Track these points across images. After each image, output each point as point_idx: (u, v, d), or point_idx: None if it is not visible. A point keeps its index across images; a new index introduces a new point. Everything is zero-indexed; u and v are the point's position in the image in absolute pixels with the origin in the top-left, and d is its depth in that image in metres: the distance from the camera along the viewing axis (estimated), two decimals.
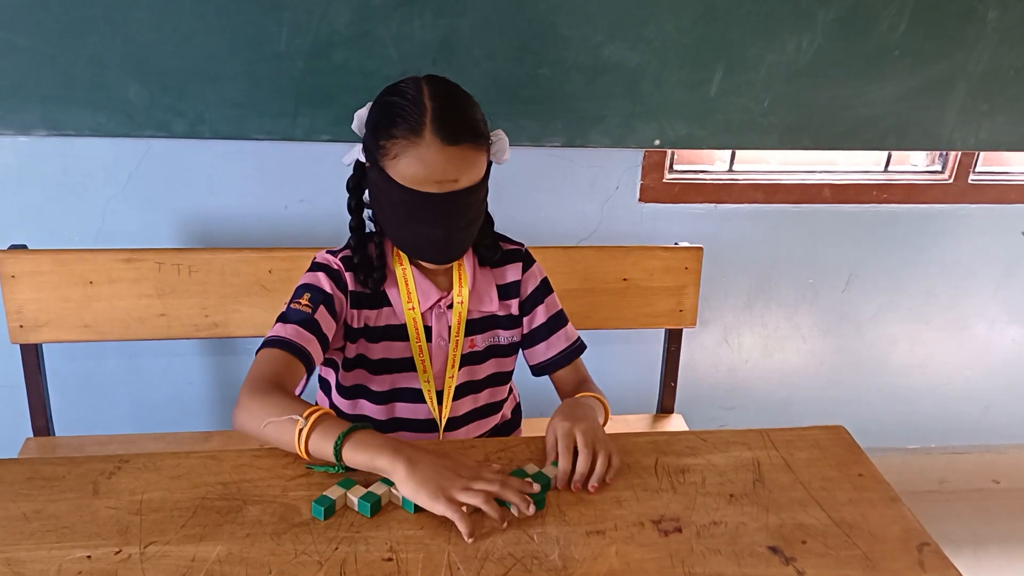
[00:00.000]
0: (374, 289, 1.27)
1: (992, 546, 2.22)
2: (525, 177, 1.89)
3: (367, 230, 1.28)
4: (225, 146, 1.76)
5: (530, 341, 1.38)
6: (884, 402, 2.32)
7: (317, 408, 1.07)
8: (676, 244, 1.82)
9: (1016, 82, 1.84)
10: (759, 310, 2.15)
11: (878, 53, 1.77)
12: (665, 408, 1.91)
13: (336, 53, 1.63)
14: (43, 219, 1.78)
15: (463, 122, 1.14)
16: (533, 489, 1.01)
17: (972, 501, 2.39)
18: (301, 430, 1.04)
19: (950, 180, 2.07)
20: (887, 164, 2.08)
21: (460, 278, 1.30)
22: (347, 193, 1.26)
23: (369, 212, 1.26)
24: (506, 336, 1.36)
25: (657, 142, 1.81)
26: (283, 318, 1.21)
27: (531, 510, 0.99)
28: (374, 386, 1.32)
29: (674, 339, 1.87)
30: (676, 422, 1.90)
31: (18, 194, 1.76)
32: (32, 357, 1.67)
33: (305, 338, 1.19)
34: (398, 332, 1.29)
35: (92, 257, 1.63)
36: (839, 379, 2.27)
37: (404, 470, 0.99)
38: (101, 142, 1.72)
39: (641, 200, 1.96)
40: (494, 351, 1.36)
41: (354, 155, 1.22)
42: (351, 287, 1.26)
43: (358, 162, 1.22)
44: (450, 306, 1.30)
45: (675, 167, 2.00)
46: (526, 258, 1.37)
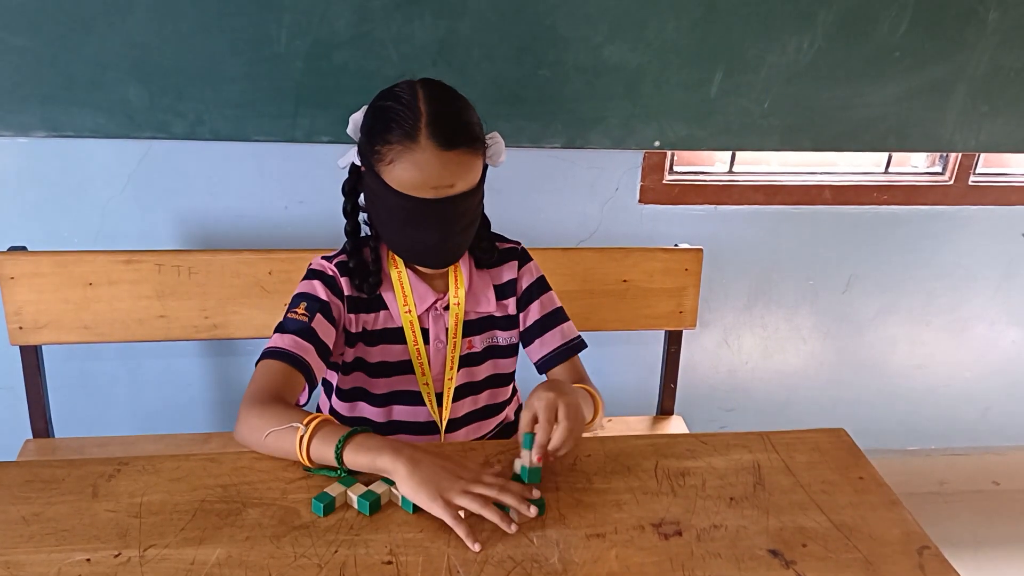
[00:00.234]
0: (370, 293, 1.27)
1: (992, 548, 2.22)
2: (525, 178, 1.89)
3: (363, 234, 1.28)
4: (225, 147, 1.75)
5: (527, 338, 1.37)
6: (884, 403, 2.32)
7: (316, 415, 1.07)
8: (676, 246, 1.82)
9: (1016, 83, 1.84)
10: (759, 311, 2.15)
11: (878, 54, 1.77)
12: (665, 410, 1.91)
13: (336, 54, 1.63)
14: (43, 220, 1.78)
15: (459, 127, 1.14)
16: (533, 495, 1.01)
17: (972, 503, 2.39)
18: (302, 437, 1.04)
19: (950, 182, 2.07)
20: (887, 165, 2.08)
21: (456, 280, 1.29)
22: (343, 196, 1.25)
23: (365, 216, 1.26)
24: (504, 337, 1.36)
25: (657, 143, 1.81)
26: (280, 328, 1.21)
27: (532, 511, 0.99)
28: (373, 389, 1.32)
29: (674, 340, 1.87)
30: (676, 424, 1.90)
31: (18, 195, 1.76)
32: (31, 359, 1.67)
33: (303, 347, 1.18)
34: (395, 335, 1.29)
35: (92, 259, 1.62)
36: (839, 380, 2.27)
37: (405, 470, 0.99)
38: (101, 143, 1.72)
39: (641, 201, 1.96)
40: (492, 352, 1.36)
41: (349, 158, 1.22)
42: (347, 292, 1.26)
43: (353, 165, 1.22)
44: (446, 308, 1.30)
45: (675, 168, 1.99)
46: (522, 256, 1.37)
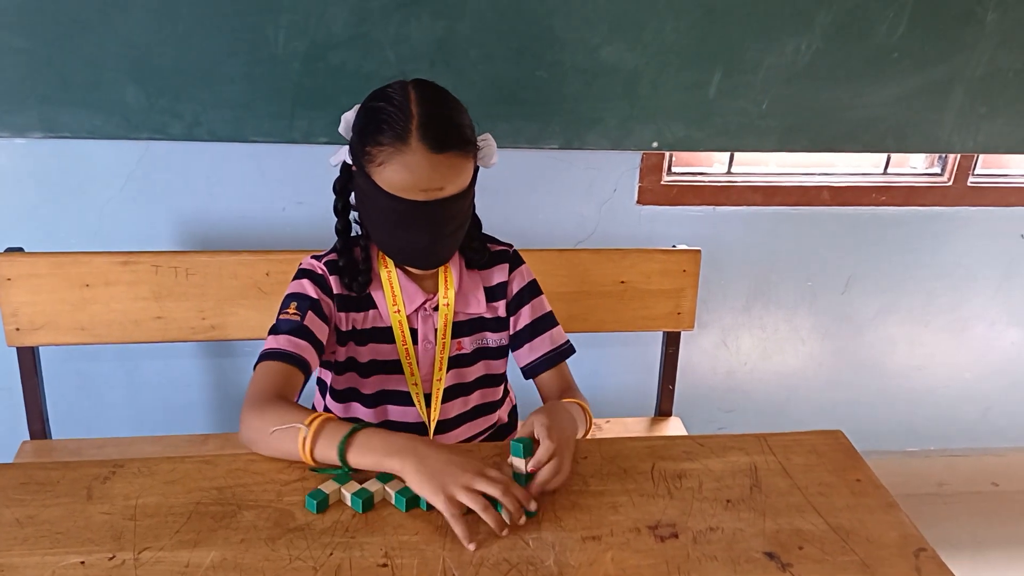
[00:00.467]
0: (359, 292, 1.26)
1: (991, 549, 2.21)
2: (523, 179, 1.89)
3: (353, 232, 1.27)
4: (223, 148, 1.75)
5: (516, 343, 1.37)
6: (883, 404, 2.31)
7: (318, 414, 1.07)
8: (674, 247, 1.81)
9: (1015, 84, 1.83)
10: (758, 312, 2.14)
11: (877, 55, 1.77)
12: (663, 411, 1.91)
13: (333, 55, 1.63)
14: (40, 221, 1.78)
15: (450, 129, 1.13)
16: (531, 507, 1.00)
17: (971, 504, 2.38)
18: (304, 439, 1.04)
19: (949, 183, 2.06)
20: (886, 166, 2.08)
21: (446, 281, 1.29)
22: (333, 195, 1.25)
23: (356, 215, 1.26)
24: (494, 338, 1.36)
25: (655, 144, 1.80)
26: (274, 330, 1.21)
27: (522, 521, 0.99)
28: (364, 389, 1.32)
29: (672, 342, 1.87)
30: (674, 425, 1.90)
31: (15, 196, 1.76)
32: (28, 360, 1.67)
33: (299, 346, 1.19)
34: (385, 335, 1.29)
35: (88, 260, 1.62)
36: (838, 381, 2.26)
37: (413, 466, 0.99)
38: (98, 144, 1.72)
39: (639, 202, 1.96)
40: (483, 353, 1.36)
41: (341, 156, 1.22)
42: (336, 291, 1.26)
43: (345, 164, 1.22)
44: (436, 308, 1.29)
45: (673, 169, 1.99)
46: (513, 259, 1.36)
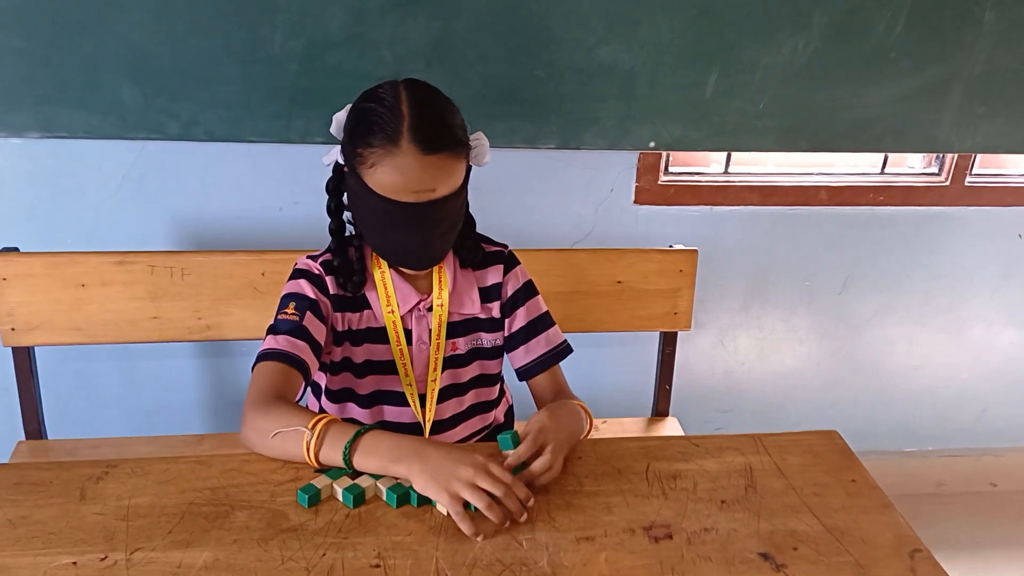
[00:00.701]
0: (354, 292, 1.26)
1: (989, 549, 2.21)
2: (519, 179, 1.88)
3: (347, 232, 1.27)
4: (219, 148, 1.75)
5: (511, 345, 1.36)
6: (881, 405, 2.31)
7: (322, 416, 1.06)
8: (671, 247, 1.81)
9: (1013, 84, 1.83)
10: (755, 313, 2.14)
11: (875, 55, 1.77)
12: (660, 411, 1.91)
13: (330, 55, 1.63)
14: (36, 221, 1.78)
15: (441, 130, 1.13)
16: (530, 503, 1.00)
17: (969, 504, 2.38)
18: (309, 442, 1.04)
19: (947, 182, 2.06)
20: (884, 166, 2.08)
21: (440, 281, 1.29)
22: (327, 195, 1.25)
23: (349, 214, 1.26)
24: (489, 339, 1.35)
25: (652, 144, 1.80)
26: (272, 330, 1.21)
27: (523, 518, 0.99)
28: (360, 389, 1.32)
29: (669, 342, 1.86)
30: (671, 425, 1.90)
31: (11, 196, 1.75)
32: (24, 360, 1.67)
33: (298, 346, 1.18)
34: (379, 335, 1.29)
35: (84, 260, 1.62)
36: (836, 382, 2.26)
37: (418, 468, 1.00)
38: (95, 144, 1.71)
39: (636, 202, 1.95)
40: (477, 354, 1.35)
41: (333, 156, 1.21)
42: (332, 291, 1.26)
43: (337, 163, 1.21)
44: (429, 309, 1.29)
45: (670, 169, 1.99)
46: (508, 260, 1.36)
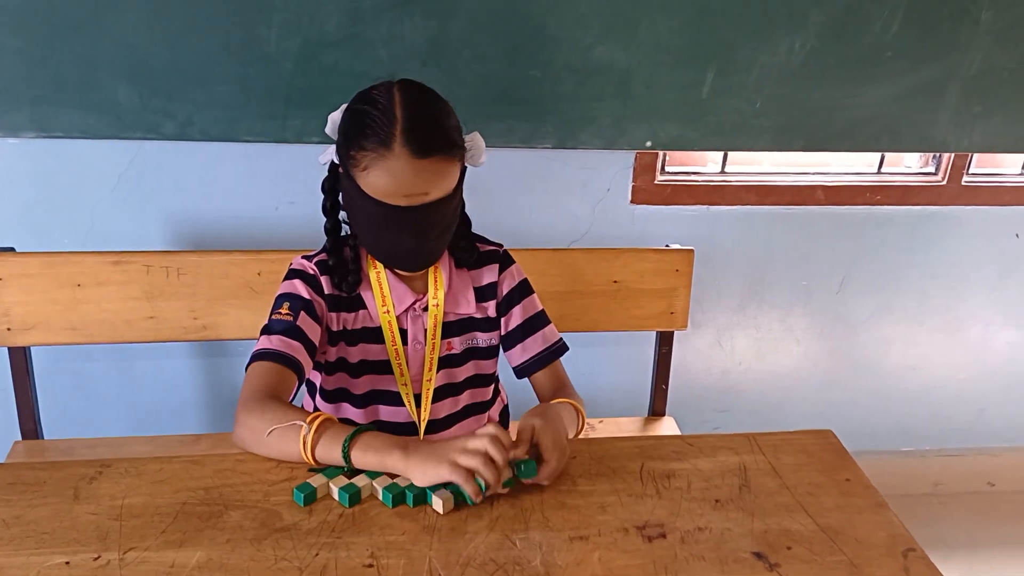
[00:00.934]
0: (349, 292, 1.26)
1: (987, 549, 2.21)
2: (516, 179, 1.88)
3: (343, 232, 1.27)
4: (215, 148, 1.75)
5: (508, 343, 1.36)
6: (878, 405, 2.31)
7: (318, 414, 1.07)
8: (667, 246, 1.81)
9: (1010, 83, 1.83)
10: (752, 312, 2.14)
11: (871, 54, 1.77)
12: (656, 411, 1.91)
13: (326, 55, 1.63)
14: (32, 221, 1.78)
15: (434, 133, 1.12)
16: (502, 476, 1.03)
17: (967, 504, 2.38)
18: (305, 437, 1.04)
19: (944, 182, 2.06)
20: (880, 166, 2.08)
21: (435, 281, 1.29)
22: (322, 194, 1.24)
23: (345, 214, 1.25)
24: (484, 339, 1.35)
25: (649, 144, 1.80)
26: (266, 330, 1.21)
27: (504, 489, 1.03)
28: (354, 389, 1.32)
29: (665, 342, 1.86)
30: (668, 425, 1.90)
31: (7, 196, 1.75)
32: (20, 360, 1.67)
33: (292, 346, 1.18)
34: (374, 335, 1.29)
35: (80, 260, 1.62)
36: (833, 381, 2.26)
37: (412, 459, 1.01)
38: (91, 144, 1.72)
39: (633, 202, 1.95)
40: (473, 353, 1.35)
41: (329, 155, 1.21)
42: (327, 291, 1.26)
43: (333, 163, 1.21)
44: (425, 309, 1.29)
45: (667, 169, 1.99)
46: (503, 259, 1.36)
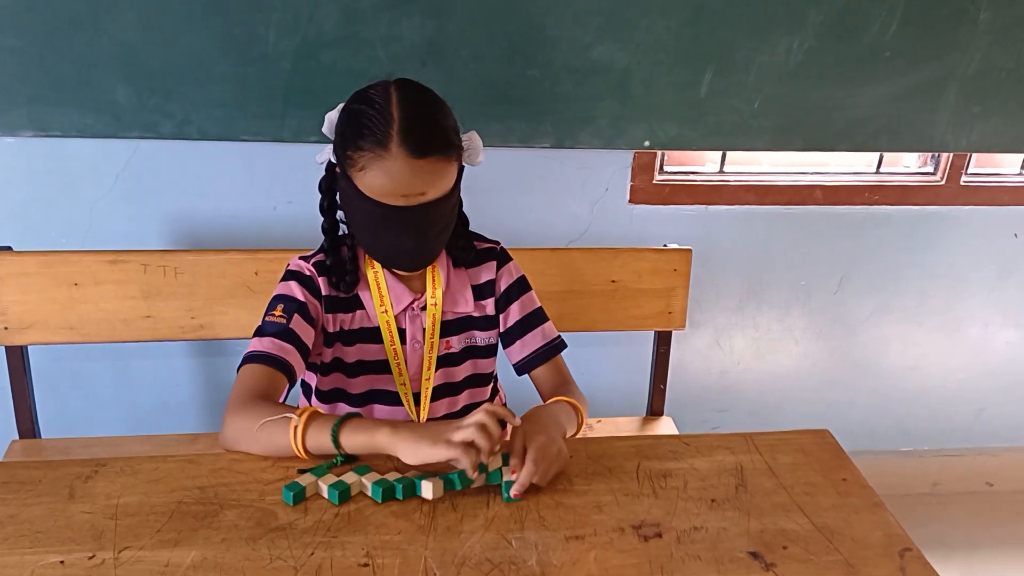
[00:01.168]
0: (347, 292, 1.26)
1: (986, 549, 2.21)
2: (514, 178, 1.88)
3: (340, 231, 1.27)
4: (213, 147, 1.75)
5: (507, 340, 1.36)
6: (877, 405, 2.31)
7: (306, 408, 1.07)
8: (665, 246, 1.81)
9: (1008, 83, 1.83)
10: (751, 312, 2.14)
11: (869, 54, 1.76)
12: (655, 411, 1.91)
13: (324, 54, 1.63)
14: (30, 220, 1.78)
15: (431, 133, 1.12)
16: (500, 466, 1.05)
17: (966, 504, 2.38)
18: (296, 427, 1.04)
19: (942, 182, 2.06)
20: (879, 166, 2.07)
21: (433, 280, 1.29)
22: (320, 194, 1.24)
23: (342, 214, 1.25)
24: (483, 337, 1.35)
25: (647, 143, 1.80)
26: (259, 332, 1.21)
27: (479, 479, 1.04)
28: (351, 389, 1.31)
29: (663, 341, 1.86)
30: (666, 425, 1.89)
31: (4, 195, 1.75)
32: (17, 359, 1.66)
33: (284, 349, 1.18)
34: (372, 335, 1.28)
35: (77, 259, 1.62)
36: (832, 381, 2.26)
37: (403, 437, 1.02)
38: (88, 143, 1.71)
39: (631, 201, 1.95)
40: (471, 352, 1.35)
41: (326, 155, 1.21)
42: (324, 292, 1.26)
43: (330, 162, 1.21)
44: (423, 308, 1.29)
45: (665, 168, 1.99)
46: (500, 256, 1.35)
